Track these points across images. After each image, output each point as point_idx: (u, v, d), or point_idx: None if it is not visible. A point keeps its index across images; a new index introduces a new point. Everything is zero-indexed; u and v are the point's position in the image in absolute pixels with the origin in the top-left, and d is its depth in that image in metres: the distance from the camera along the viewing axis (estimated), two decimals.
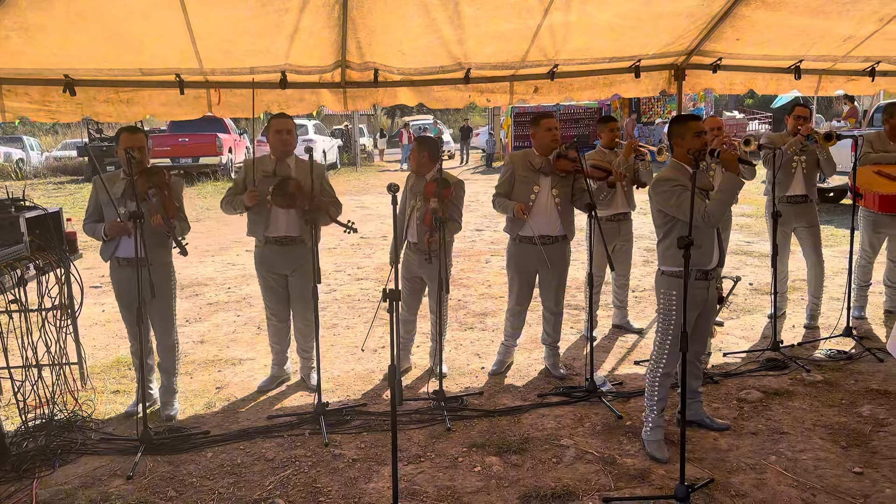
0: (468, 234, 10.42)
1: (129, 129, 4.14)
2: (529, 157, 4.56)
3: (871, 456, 3.55)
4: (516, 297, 4.72)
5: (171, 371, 4.38)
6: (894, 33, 5.18)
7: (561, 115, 22.26)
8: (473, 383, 4.67)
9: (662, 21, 4.87)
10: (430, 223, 4.35)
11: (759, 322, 5.74)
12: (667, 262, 3.53)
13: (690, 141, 3.47)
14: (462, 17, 4.48)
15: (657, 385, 3.62)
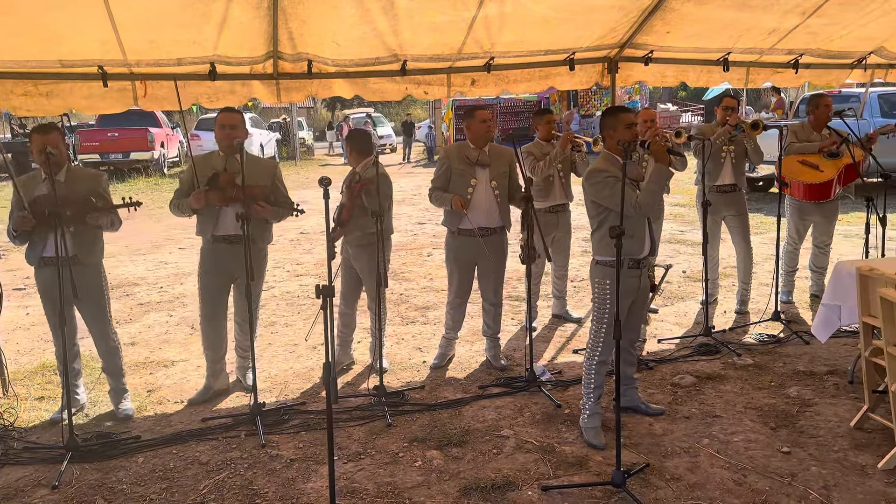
0: (410, 227, 10.38)
1: (40, 128, 3.96)
2: (465, 151, 4.55)
3: (798, 435, 3.68)
4: (456, 289, 4.72)
5: (117, 373, 4.24)
6: (816, 27, 5.37)
7: (501, 108, 22.40)
8: (415, 377, 4.65)
9: (595, 14, 4.92)
10: (337, 217, 4.34)
11: (692, 308, 5.90)
12: (600, 251, 3.58)
13: (622, 132, 3.52)
14: (396, 8, 4.43)
15: (593, 373, 3.67)
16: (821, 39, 5.64)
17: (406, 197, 13.56)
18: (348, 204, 4.41)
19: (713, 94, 23.65)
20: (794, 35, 5.48)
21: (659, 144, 3.45)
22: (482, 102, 21.60)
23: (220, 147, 4.32)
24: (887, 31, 5.65)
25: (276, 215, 4.28)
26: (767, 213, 9.57)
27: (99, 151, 18.07)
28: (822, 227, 5.78)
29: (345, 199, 4.43)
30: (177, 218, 4.48)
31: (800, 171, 5.58)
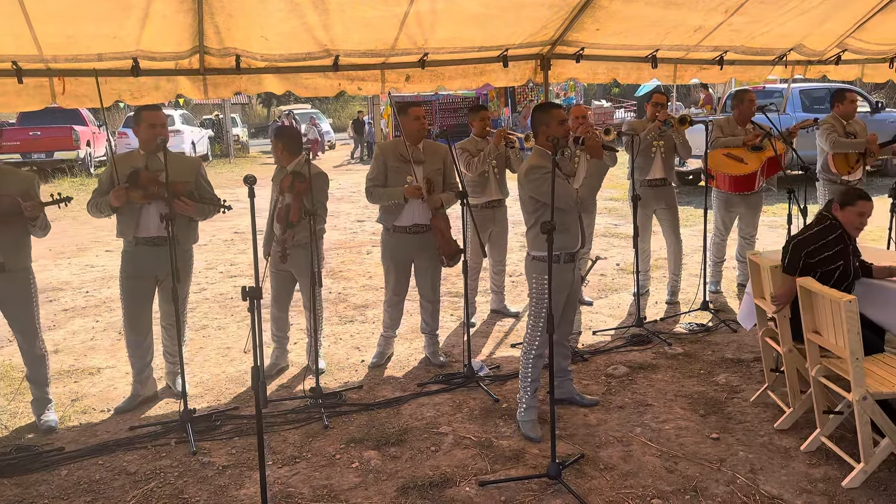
0: (349, 225, 10.28)
1: None
2: (400, 148, 4.52)
3: (727, 421, 3.80)
4: (393, 287, 4.69)
5: (42, 382, 4.05)
6: (739, 24, 5.54)
7: (440, 105, 22.41)
8: (353, 377, 4.60)
9: (526, 11, 4.96)
10: (283, 219, 4.24)
11: (625, 300, 6.02)
12: (536, 247, 3.61)
13: (554, 129, 3.56)
14: (327, 3, 4.36)
15: (530, 366, 3.70)
16: (744, 37, 5.83)
17: (345, 195, 13.43)
18: (295, 204, 4.29)
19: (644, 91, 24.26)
20: (718, 32, 5.64)
21: (593, 140, 3.50)
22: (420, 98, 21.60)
23: (142, 146, 4.16)
24: (805, 29, 5.88)
25: (201, 212, 4.16)
26: (697, 206, 9.87)
27: (20, 151, 17.20)
28: (747, 219, 5.99)
29: (288, 200, 4.29)
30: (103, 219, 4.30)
31: (725, 165, 5.76)
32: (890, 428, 3.08)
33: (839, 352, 3.15)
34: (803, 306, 3.36)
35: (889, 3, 5.71)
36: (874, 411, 3.07)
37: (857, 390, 3.06)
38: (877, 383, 3.16)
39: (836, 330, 3.12)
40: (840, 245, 3.57)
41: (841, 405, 3.35)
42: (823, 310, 3.23)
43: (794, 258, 3.54)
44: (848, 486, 3.09)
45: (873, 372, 3.27)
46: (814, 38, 6.16)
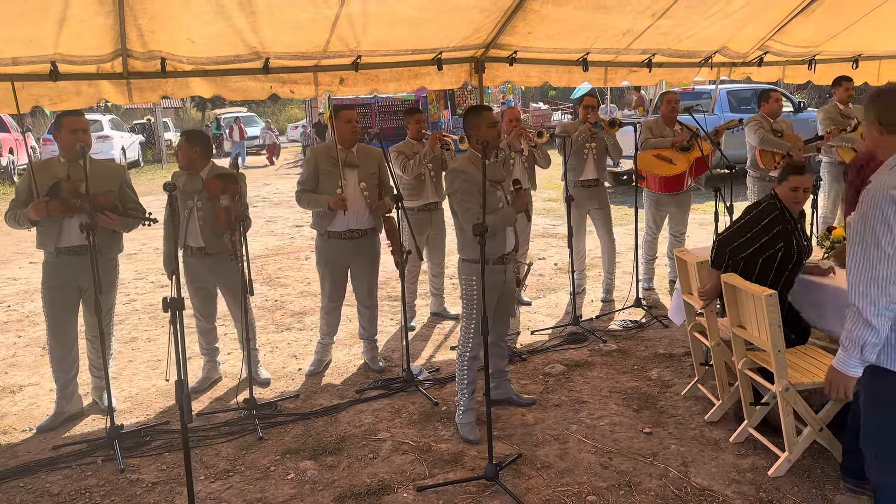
0: (287, 230, 10.11)
1: None
2: (332, 151, 4.46)
3: (659, 416, 3.89)
4: (329, 293, 4.63)
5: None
6: (666, 28, 5.69)
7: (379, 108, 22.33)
8: (290, 386, 4.52)
9: (458, 14, 4.97)
10: (225, 222, 4.11)
11: (562, 299, 6.11)
12: (465, 249, 3.63)
13: (484, 131, 3.57)
14: (254, 5, 4.27)
15: (466, 369, 3.71)
16: (671, 39, 5.99)
17: (284, 199, 13.21)
18: (233, 206, 4.14)
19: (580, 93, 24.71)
20: (646, 35, 5.78)
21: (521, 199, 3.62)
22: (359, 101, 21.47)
23: (63, 152, 3.99)
24: (729, 32, 6.08)
25: (125, 225, 4.01)
26: (631, 206, 10.08)
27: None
28: (677, 217, 6.15)
29: (226, 203, 4.13)
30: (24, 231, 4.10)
31: (655, 165, 5.91)
32: (811, 417, 3.21)
33: (762, 344, 3.26)
34: (728, 302, 3.46)
35: (805, 8, 5.97)
36: (796, 401, 3.19)
37: (780, 381, 3.17)
38: (799, 374, 3.27)
39: (759, 324, 3.23)
40: (778, 226, 3.51)
41: (767, 396, 3.47)
42: (746, 304, 3.34)
43: (719, 254, 3.63)
44: (774, 474, 3.20)
45: (796, 364, 3.39)
46: (737, 41, 6.38)
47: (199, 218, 4.24)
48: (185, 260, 4.37)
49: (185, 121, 33.67)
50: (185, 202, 4.26)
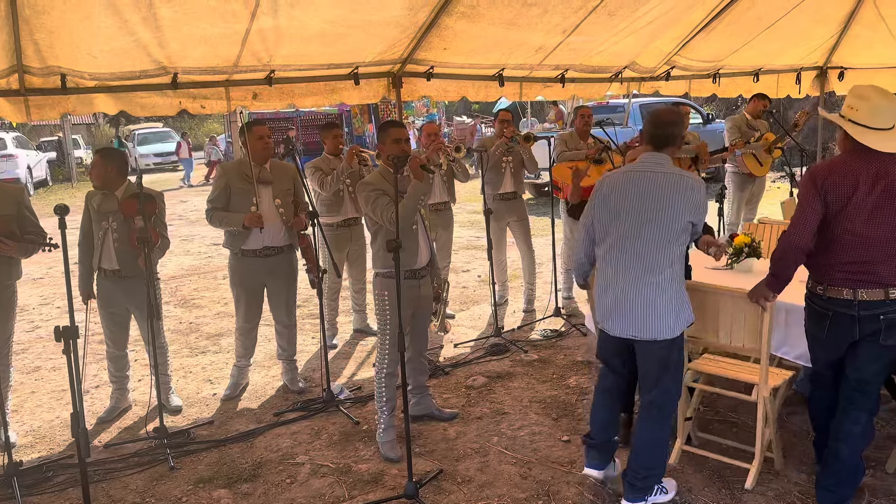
0: (204, 249, 9.82)
1: None
2: (244, 168, 4.36)
3: (577, 423, 3.95)
4: (244, 314, 4.50)
5: None
6: (576, 44, 5.86)
7: (303, 122, 22.05)
8: (204, 412, 4.36)
9: (373, 29, 4.96)
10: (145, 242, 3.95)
11: (485, 311, 6.16)
12: (377, 263, 3.61)
13: (390, 147, 3.58)
14: (160, 19, 4.14)
15: (384, 386, 3.68)
16: (582, 55, 6.16)
17: (200, 217, 12.80)
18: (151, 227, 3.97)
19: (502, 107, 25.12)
20: (558, 52, 5.93)
21: (415, 162, 3.50)
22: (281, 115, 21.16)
23: None
24: (637, 48, 6.31)
25: (22, 252, 3.80)
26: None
27: None
28: None
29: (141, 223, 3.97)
30: None
31: (570, 177, 6.04)
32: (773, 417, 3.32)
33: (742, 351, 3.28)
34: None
35: (707, 25, 6.27)
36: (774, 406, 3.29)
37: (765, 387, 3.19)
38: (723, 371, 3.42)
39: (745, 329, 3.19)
40: None
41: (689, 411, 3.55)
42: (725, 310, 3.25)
43: None
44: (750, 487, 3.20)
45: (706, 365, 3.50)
46: (645, 57, 6.64)
47: (113, 239, 4.07)
48: (99, 283, 4.19)
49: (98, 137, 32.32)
50: (100, 223, 4.09)
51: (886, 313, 2.81)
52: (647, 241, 2.91)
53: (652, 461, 3.03)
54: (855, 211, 2.77)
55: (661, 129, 2.98)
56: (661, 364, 2.98)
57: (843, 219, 2.80)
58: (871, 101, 2.80)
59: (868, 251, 2.78)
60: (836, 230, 2.82)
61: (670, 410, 3.06)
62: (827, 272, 2.87)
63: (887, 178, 2.75)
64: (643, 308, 2.91)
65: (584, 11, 5.18)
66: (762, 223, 5.06)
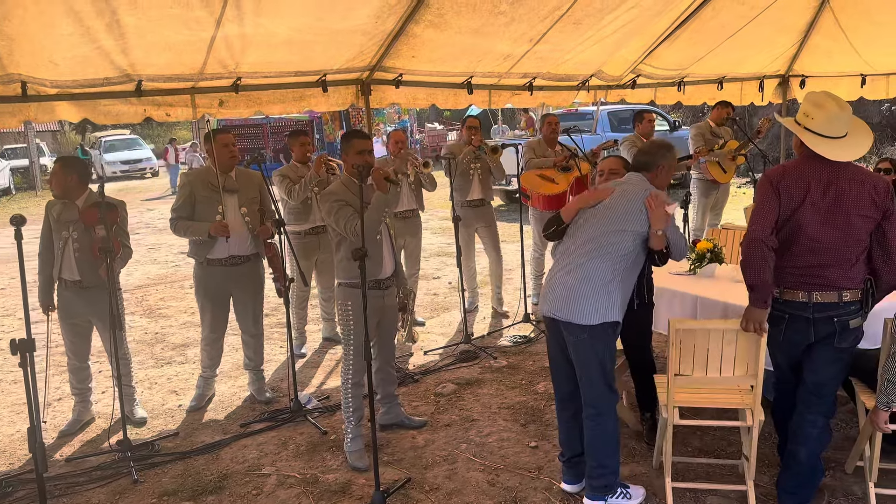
0: (171, 258, 9.68)
1: None
2: (209, 176, 4.32)
3: (545, 429, 3.98)
4: (210, 324, 4.45)
5: None
6: (543, 52, 5.91)
7: (271, 128, 21.90)
8: (169, 424, 4.30)
9: (340, 37, 4.96)
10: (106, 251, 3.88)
11: (455, 318, 6.17)
12: (341, 274, 3.60)
13: (353, 158, 3.57)
14: (123, 27, 4.09)
15: (350, 396, 3.66)
16: (549, 64, 6.22)
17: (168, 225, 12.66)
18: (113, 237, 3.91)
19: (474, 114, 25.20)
20: (526, 60, 5.98)
21: (378, 173, 3.49)
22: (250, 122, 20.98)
23: None
24: (603, 57, 6.39)
25: None
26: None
27: None
28: None
29: (104, 232, 3.91)
30: None
31: (538, 184, 6.10)
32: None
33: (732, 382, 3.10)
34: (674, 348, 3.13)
35: (671, 34, 6.37)
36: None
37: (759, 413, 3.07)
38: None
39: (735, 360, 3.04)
40: None
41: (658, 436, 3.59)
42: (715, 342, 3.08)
43: None
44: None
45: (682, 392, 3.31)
46: (611, 65, 6.72)
47: (74, 249, 4.00)
48: (60, 293, 4.11)
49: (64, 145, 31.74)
50: (60, 233, 4.02)
51: (840, 315, 2.88)
52: (593, 232, 3.10)
53: (602, 458, 3.06)
54: (807, 216, 2.84)
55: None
56: (586, 356, 3.05)
57: (796, 223, 2.86)
58: (827, 110, 2.86)
59: (820, 255, 2.85)
60: (789, 235, 2.89)
61: (605, 409, 3.07)
62: (782, 275, 2.94)
63: (838, 185, 2.82)
64: (568, 289, 3.05)
65: (550, 20, 5.23)
66: (726, 229, 5.15)
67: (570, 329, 3.06)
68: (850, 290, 2.86)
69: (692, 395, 3.27)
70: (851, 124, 2.90)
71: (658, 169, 3.23)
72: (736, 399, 3.19)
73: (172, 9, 4.02)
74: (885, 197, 2.83)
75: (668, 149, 3.30)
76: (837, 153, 2.83)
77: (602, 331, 3.03)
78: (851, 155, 2.86)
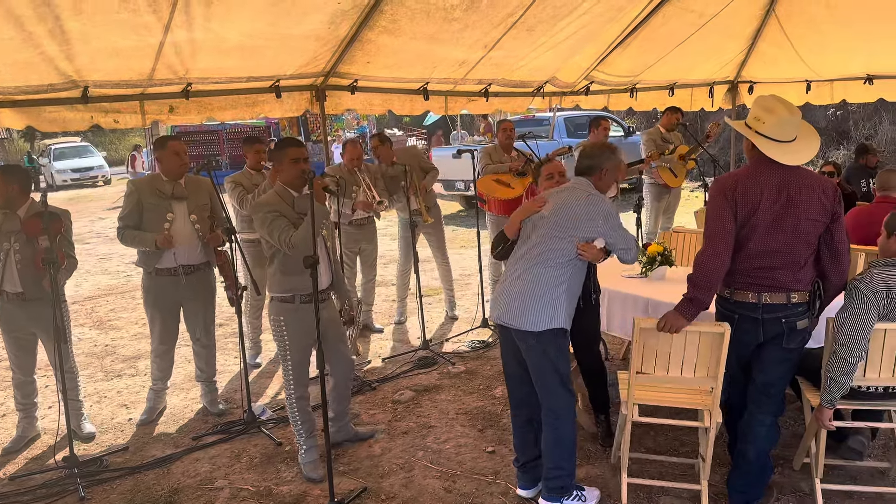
0: (122, 268, 9.45)
1: None
2: (157, 183, 4.23)
3: (503, 433, 3.98)
4: (160, 335, 4.34)
5: None
6: (498, 59, 5.95)
7: (227, 134, 21.59)
8: (119, 439, 4.18)
9: (293, 42, 4.92)
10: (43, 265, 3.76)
11: (414, 325, 6.15)
12: (273, 287, 3.52)
13: (287, 166, 3.46)
14: (67, 32, 3.98)
15: (296, 410, 3.59)
16: (504, 70, 6.27)
17: None
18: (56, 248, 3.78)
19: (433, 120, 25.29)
20: (481, 66, 6.01)
21: (317, 184, 3.43)
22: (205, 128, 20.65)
23: None
24: (556, 63, 6.46)
25: None
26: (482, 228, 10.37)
27: None
28: None
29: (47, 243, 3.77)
30: None
31: (495, 189, 6.13)
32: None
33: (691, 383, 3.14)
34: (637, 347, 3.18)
35: (622, 41, 6.48)
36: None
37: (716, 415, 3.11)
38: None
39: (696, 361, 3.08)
40: None
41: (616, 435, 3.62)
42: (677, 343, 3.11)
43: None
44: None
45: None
46: (565, 72, 6.81)
47: (16, 261, 3.86)
48: (2, 306, 3.97)
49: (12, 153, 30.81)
50: (1, 244, 3.88)
51: (788, 317, 2.95)
52: (538, 238, 3.12)
53: (559, 461, 3.09)
54: (760, 220, 2.89)
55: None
56: (539, 361, 3.08)
57: (749, 228, 2.92)
58: (777, 114, 2.91)
59: (771, 258, 2.91)
60: (742, 238, 2.94)
61: (564, 412, 3.10)
62: (733, 277, 2.99)
63: (789, 189, 2.88)
64: (515, 297, 3.08)
65: (503, 27, 5.27)
66: (677, 232, 5.24)
67: (520, 335, 3.09)
68: (798, 291, 2.93)
69: (653, 393, 3.33)
70: (801, 128, 2.97)
71: (602, 172, 3.23)
72: (696, 400, 3.24)
73: (119, 14, 3.93)
74: (833, 201, 2.91)
75: (612, 151, 3.29)
76: (788, 157, 2.90)
77: (551, 336, 3.06)
78: (801, 159, 2.92)
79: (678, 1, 5.95)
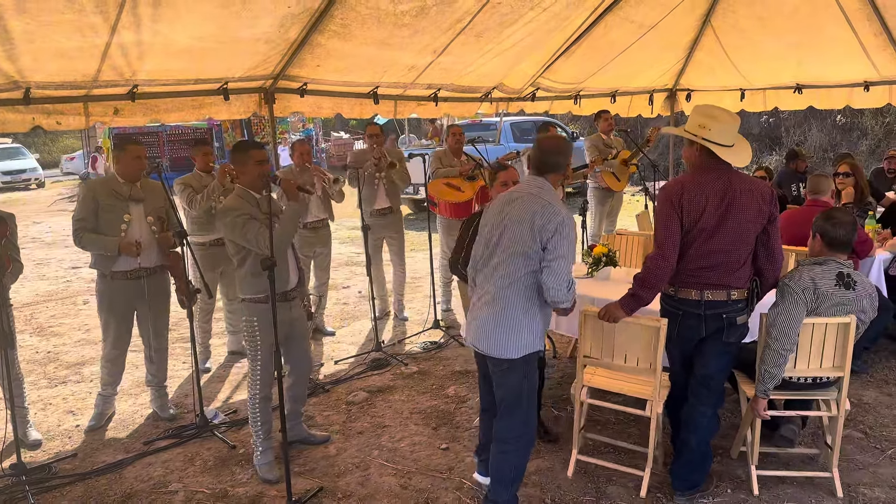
0: (62, 273, 9.17)
1: None
2: (113, 185, 4.16)
3: (456, 430, 4.08)
4: (113, 340, 4.26)
5: None
6: (447, 64, 6.05)
7: (168, 137, 21.11)
8: (66, 445, 4.10)
9: (242, 45, 4.90)
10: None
11: (366, 326, 6.19)
12: (245, 289, 3.53)
13: (252, 168, 3.49)
14: (10, 32, 3.89)
15: (258, 410, 3.61)
16: (453, 75, 6.38)
17: (58, 239, 11.98)
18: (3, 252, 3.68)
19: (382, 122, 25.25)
20: (430, 71, 6.10)
21: (288, 183, 3.45)
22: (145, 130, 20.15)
23: None
24: (503, 70, 6.61)
25: None
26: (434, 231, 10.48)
27: None
28: None
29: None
30: None
31: (445, 192, 6.23)
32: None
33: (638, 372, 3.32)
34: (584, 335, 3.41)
35: (566, 50, 6.68)
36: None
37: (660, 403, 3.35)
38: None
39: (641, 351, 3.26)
40: None
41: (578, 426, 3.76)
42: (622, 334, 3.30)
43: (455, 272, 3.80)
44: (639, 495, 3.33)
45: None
46: (512, 78, 6.96)
47: None
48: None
49: None
50: None
51: (728, 313, 3.13)
52: (501, 257, 2.96)
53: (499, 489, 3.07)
54: (704, 225, 3.07)
55: (551, 157, 3.03)
56: (507, 386, 3.01)
57: (696, 232, 3.09)
58: (721, 121, 3.10)
59: (713, 259, 3.09)
60: (687, 241, 3.11)
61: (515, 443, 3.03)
62: (678, 276, 3.16)
63: (731, 195, 3.07)
64: (486, 323, 2.97)
65: (452, 32, 5.37)
66: (620, 234, 5.44)
67: (491, 361, 3.03)
68: (737, 289, 3.12)
69: (606, 379, 3.54)
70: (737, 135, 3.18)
71: (568, 168, 3.24)
72: (644, 389, 3.41)
73: (64, 14, 3.87)
74: (770, 204, 3.11)
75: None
76: (734, 160, 3.10)
77: (524, 362, 2.99)
78: (744, 160, 3.13)
79: (619, 11, 6.18)
